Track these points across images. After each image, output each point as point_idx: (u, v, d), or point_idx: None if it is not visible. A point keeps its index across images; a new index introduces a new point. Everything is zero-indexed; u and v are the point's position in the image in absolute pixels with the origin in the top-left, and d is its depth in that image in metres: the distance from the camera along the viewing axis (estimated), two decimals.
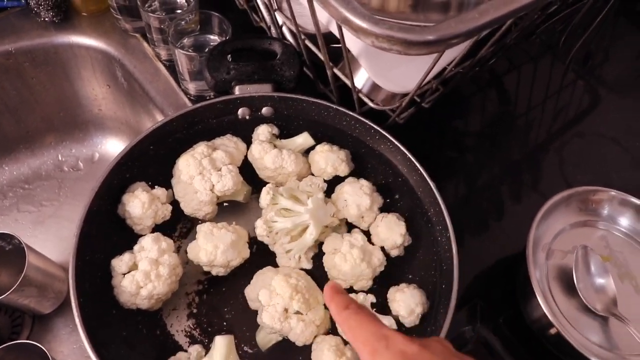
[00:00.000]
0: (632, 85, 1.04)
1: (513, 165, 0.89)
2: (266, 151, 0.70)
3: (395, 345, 0.42)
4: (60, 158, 1.07)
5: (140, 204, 0.65)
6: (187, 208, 0.69)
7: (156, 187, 0.69)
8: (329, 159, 0.71)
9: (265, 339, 0.64)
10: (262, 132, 0.73)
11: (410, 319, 0.63)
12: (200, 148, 0.69)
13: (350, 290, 0.67)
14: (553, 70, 1.03)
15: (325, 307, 0.64)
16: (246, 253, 0.67)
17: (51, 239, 0.99)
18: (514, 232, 0.76)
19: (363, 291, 0.66)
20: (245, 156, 0.74)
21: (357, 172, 0.73)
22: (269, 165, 0.70)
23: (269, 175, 0.72)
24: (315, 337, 0.62)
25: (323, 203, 0.66)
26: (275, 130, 0.74)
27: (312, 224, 0.65)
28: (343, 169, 0.72)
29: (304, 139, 0.74)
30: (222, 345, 0.60)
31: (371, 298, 0.64)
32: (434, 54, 0.54)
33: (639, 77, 1.05)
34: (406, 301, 0.63)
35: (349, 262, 0.64)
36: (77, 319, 0.55)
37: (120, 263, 0.62)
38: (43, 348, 0.73)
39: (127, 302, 0.61)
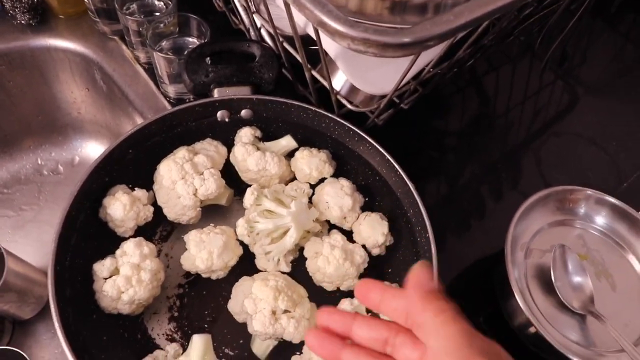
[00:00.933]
0: (609, 86, 1.05)
1: (493, 165, 0.90)
2: (249, 153, 0.71)
3: (456, 317, 0.40)
4: (39, 162, 1.06)
5: (122, 206, 0.64)
6: (171, 213, 0.69)
7: (136, 189, 0.68)
8: (312, 163, 0.71)
9: (261, 347, 0.64)
10: (245, 134, 0.73)
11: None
12: (181, 153, 0.68)
13: (338, 291, 0.67)
14: (531, 72, 1.04)
15: (310, 300, 0.65)
16: (239, 250, 0.67)
17: (31, 244, 0.98)
18: (494, 231, 0.77)
19: (351, 291, 0.67)
20: (227, 159, 0.73)
21: (337, 173, 0.74)
22: (252, 167, 0.70)
23: (252, 177, 0.72)
24: None
25: (306, 207, 0.67)
26: (258, 133, 0.74)
27: (294, 227, 0.65)
28: (328, 170, 0.72)
29: (287, 142, 0.74)
30: (199, 343, 0.60)
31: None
32: (411, 56, 0.54)
33: (615, 78, 1.07)
34: None
35: (332, 263, 0.65)
36: (56, 324, 0.54)
37: (102, 268, 0.61)
38: (23, 354, 0.72)
39: (109, 307, 0.60)
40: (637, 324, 0.67)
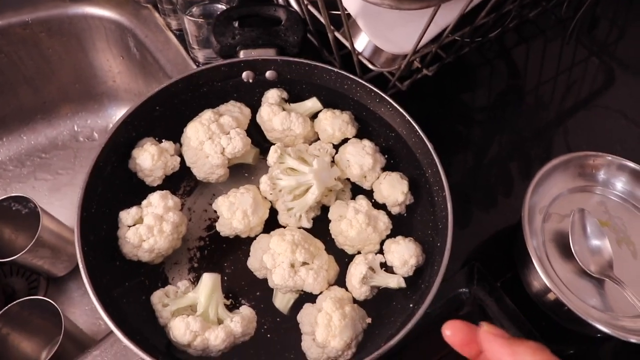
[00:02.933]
0: None
1: (522, 141, 0.89)
2: (275, 113, 0.72)
3: None
4: (76, 128, 1.10)
5: (150, 156, 0.67)
6: (200, 173, 0.71)
7: (164, 141, 0.71)
8: (335, 124, 0.72)
9: (283, 301, 0.66)
10: (272, 95, 0.74)
11: (403, 270, 0.64)
12: (207, 114, 0.70)
13: (358, 254, 0.69)
14: (564, 46, 1.02)
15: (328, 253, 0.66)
16: (268, 203, 0.69)
17: (66, 206, 1.02)
18: (519, 204, 0.76)
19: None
20: (252, 120, 0.75)
21: (359, 135, 0.74)
22: (277, 127, 0.72)
23: (277, 136, 0.73)
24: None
25: (328, 165, 0.68)
26: (285, 95, 0.75)
27: (315, 184, 0.66)
28: (350, 131, 0.73)
29: (312, 103, 0.75)
30: (208, 281, 0.62)
31: (380, 258, 0.66)
32: (428, 9, 0.54)
33: None
34: (400, 252, 0.64)
35: (355, 227, 0.66)
36: (80, 265, 0.57)
37: (127, 215, 0.64)
38: (55, 304, 0.76)
39: (129, 253, 0.63)
40: None
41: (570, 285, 0.66)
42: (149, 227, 0.63)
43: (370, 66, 0.72)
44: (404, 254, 0.64)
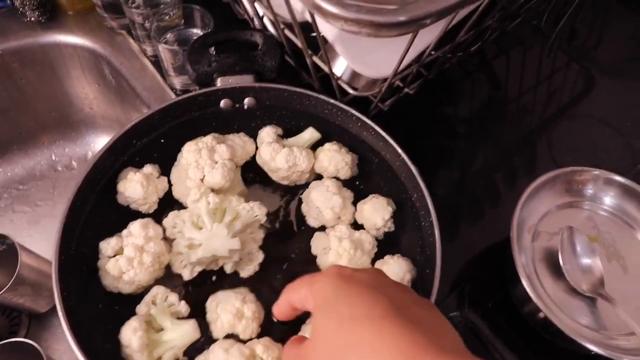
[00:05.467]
0: (624, 68, 1.03)
1: (506, 151, 0.89)
2: (277, 151, 0.70)
3: (332, 270, 0.45)
4: (53, 158, 1.08)
5: (139, 185, 0.65)
6: (176, 192, 0.69)
7: (145, 165, 0.69)
8: (333, 160, 0.70)
9: None
10: (267, 133, 0.72)
11: None
12: (208, 138, 0.69)
13: None
14: (543, 55, 1.02)
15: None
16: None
17: (47, 238, 1.00)
18: (507, 218, 0.75)
19: None
20: (253, 157, 0.73)
21: None
22: (281, 165, 0.69)
23: (283, 175, 0.71)
24: None
25: (227, 236, 0.62)
26: (279, 131, 0.73)
27: (202, 247, 0.62)
28: (344, 173, 0.71)
29: (310, 134, 0.73)
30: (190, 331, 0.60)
31: None
32: (407, 35, 0.53)
33: (630, 59, 1.04)
34: (394, 271, 0.63)
35: (344, 256, 0.64)
36: (59, 309, 0.55)
37: (107, 246, 0.62)
38: (37, 346, 0.73)
39: (110, 285, 0.61)
40: None
41: (562, 305, 0.65)
42: (129, 259, 0.61)
43: (350, 91, 0.70)
44: (398, 273, 0.63)
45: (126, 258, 0.61)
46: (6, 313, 0.91)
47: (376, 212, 0.67)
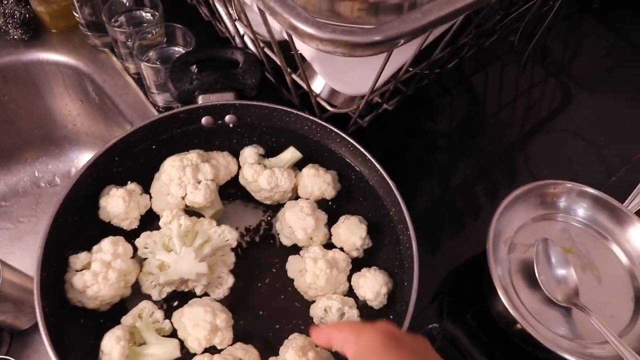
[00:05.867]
0: (599, 83, 1.05)
1: (485, 165, 0.90)
2: (259, 173, 0.71)
3: (383, 326, 0.48)
4: (37, 174, 1.08)
5: (121, 200, 0.66)
6: (155, 205, 0.70)
7: (128, 183, 0.70)
8: (315, 183, 0.71)
9: None
10: (249, 154, 0.73)
11: (377, 301, 0.65)
12: (192, 155, 0.70)
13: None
14: (520, 70, 1.04)
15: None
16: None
17: (30, 254, 1.00)
18: (486, 230, 0.76)
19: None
20: (235, 177, 0.74)
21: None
22: (264, 186, 0.71)
23: (266, 196, 0.72)
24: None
25: (194, 260, 0.63)
26: (261, 150, 0.74)
27: (171, 269, 0.64)
28: (330, 192, 0.72)
29: (291, 154, 0.74)
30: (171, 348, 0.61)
31: (356, 313, 0.65)
32: (382, 54, 0.55)
33: (605, 75, 1.07)
34: (370, 285, 0.64)
35: (321, 276, 0.65)
36: (41, 325, 0.56)
37: (76, 260, 0.63)
38: None
39: (74, 298, 0.62)
40: (622, 315, 0.67)
41: (538, 315, 0.67)
42: (94, 274, 0.61)
43: (328, 108, 0.72)
44: (374, 286, 0.64)
45: (92, 273, 0.61)
46: None
47: (352, 233, 0.68)
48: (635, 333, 0.66)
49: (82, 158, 1.09)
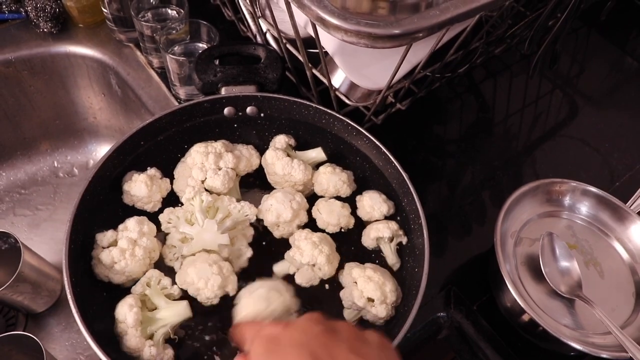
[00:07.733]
0: (605, 95, 1.08)
1: (493, 170, 0.93)
2: (279, 158, 0.74)
3: (266, 331, 0.49)
4: (55, 164, 1.11)
5: (144, 184, 0.69)
6: (176, 185, 0.74)
7: (148, 168, 0.73)
8: (331, 180, 0.74)
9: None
10: (279, 140, 0.77)
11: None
12: (218, 144, 0.74)
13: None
14: (529, 80, 1.08)
15: None
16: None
17: (46, 242, 1.03)
18: (492, 231, 0.78)
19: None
20: (255, 169, 0.78)
21: (338, 164, 0.77)
22: (278, 171, 0.74)
23: (277, 180, 0.75)
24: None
25: (216, 231, 0.67)
26: (292, 141, 0.78)
27: (194, 241, 0.67)
28: (345, 191, 0.75)
29: (317, 154, 0.77)
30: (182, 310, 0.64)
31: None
32: (400, 47, 0.58)
33: (612, 88, 1.10)
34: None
35: (307, 252, 0.67)
36: (69, 298, 0.58)
37: (102, 237, 0.66)
38: (36, 339, 0.76)
39: (101, 273, 0.65)
40: (624, 308, 0.70)
41: (543, 306, 0.69)
42: (122, 250, 0.65)
43: (346, 101, 0.75)
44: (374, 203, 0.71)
45: (119, 249, 0.65)
46: (3, 312, 0.93)
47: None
48: (635, 326, 0.68)
49: (101, 150, 1.12)
